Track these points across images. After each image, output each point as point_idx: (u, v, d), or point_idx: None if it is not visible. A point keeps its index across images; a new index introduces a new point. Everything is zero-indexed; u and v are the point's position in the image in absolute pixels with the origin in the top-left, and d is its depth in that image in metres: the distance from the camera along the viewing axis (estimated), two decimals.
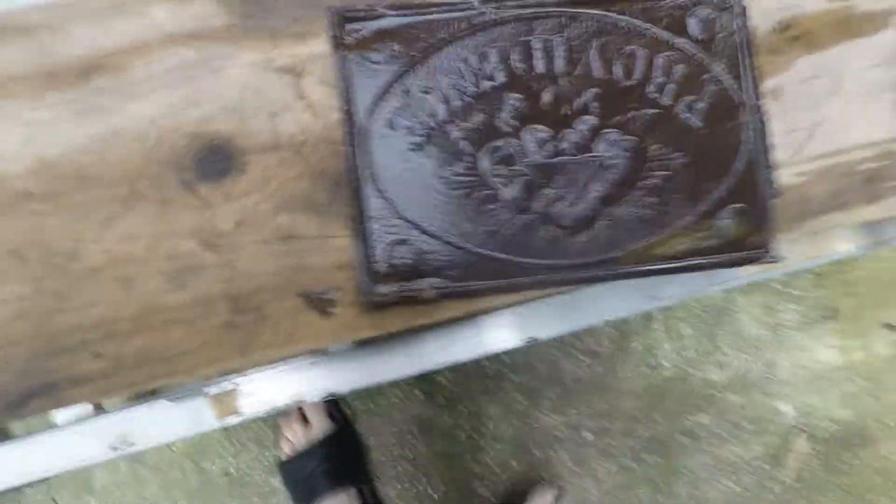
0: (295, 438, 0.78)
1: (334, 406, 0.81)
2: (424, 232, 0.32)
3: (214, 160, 0.34)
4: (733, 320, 0.88)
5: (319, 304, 0.33)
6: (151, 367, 0.32)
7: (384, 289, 0.32)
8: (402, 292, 0.32)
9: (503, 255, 0.32)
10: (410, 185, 0.33)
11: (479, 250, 0.32)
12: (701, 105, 0.33)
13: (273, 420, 0.82)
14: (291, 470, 0.78)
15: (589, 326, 0.37)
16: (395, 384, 0.85)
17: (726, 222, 0.33)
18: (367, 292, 0.32)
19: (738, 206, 0.33)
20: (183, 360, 0.32)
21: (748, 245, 0.33)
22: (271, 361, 0.33)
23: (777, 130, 0.34)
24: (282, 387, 0.37)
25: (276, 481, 0.81)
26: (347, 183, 0.33)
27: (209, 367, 0.33)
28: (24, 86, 0.34)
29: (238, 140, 0.34)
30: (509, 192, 0.33)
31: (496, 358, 0.86)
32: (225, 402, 0.37)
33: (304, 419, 0.78)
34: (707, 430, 0.87)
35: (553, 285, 0.33)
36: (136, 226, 0.33)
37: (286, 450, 0.79)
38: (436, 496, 0.84)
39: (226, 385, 0.37)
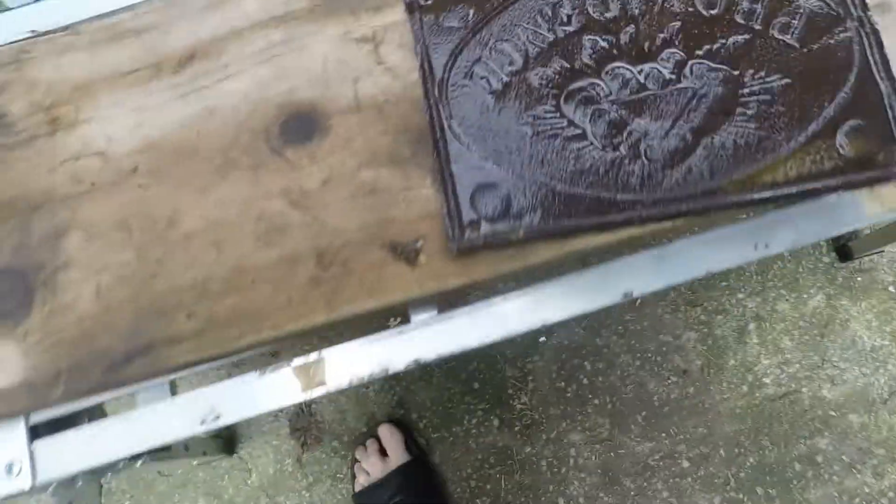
0: (372, 469, 0.77)
1: (410, 438, 0.80)
2: (510, 173, 0.31)
3: (300, 125, 0.35)
4: (843, 329, 0.79)
5: (405, 254, 0.32)
6: (241, 325, 0.32)
7: (471, 234, 0.31)
8: (490, 236, 0.31)
9: (594, 193, 0.31)
10: (493, 130, 0.32)
11: (569, 188, 0.31)
12: (798, 23, 0.31)
13: (349, 452, 0.80)
14: (367, 501, 0.75)
15: (691, 279, 0.34)
16: (468, 409, 0.82)
17: (844, 141, 0.30)
18: (453, 238, 0.31)
19: (856, 122, 0.30)
20: (270, 318, 0.32)
21: (873, 164, 0.29)
22: (356, 315, 0.32)
23: (888, 45, 0.31)
24: (367, 357, 0.36)
25: None
26: (429, 134, 0.33)
27: (296, 323, 0.32)
28: (134, 78, 0.38)
29: (322, 105, 0.35)
30: (596, 130, 0.32)
31: (575, 379, 0.81)
32: (310, 374, 0.36)
33: (382, 450, 0.77)
34: (828, 457, 0.76)
35: (650, 221, 0.31)
36: (229, 192, 0.34)
37: (362, 481, 0.77)
38: None
39: (311, 356, 0.36)
